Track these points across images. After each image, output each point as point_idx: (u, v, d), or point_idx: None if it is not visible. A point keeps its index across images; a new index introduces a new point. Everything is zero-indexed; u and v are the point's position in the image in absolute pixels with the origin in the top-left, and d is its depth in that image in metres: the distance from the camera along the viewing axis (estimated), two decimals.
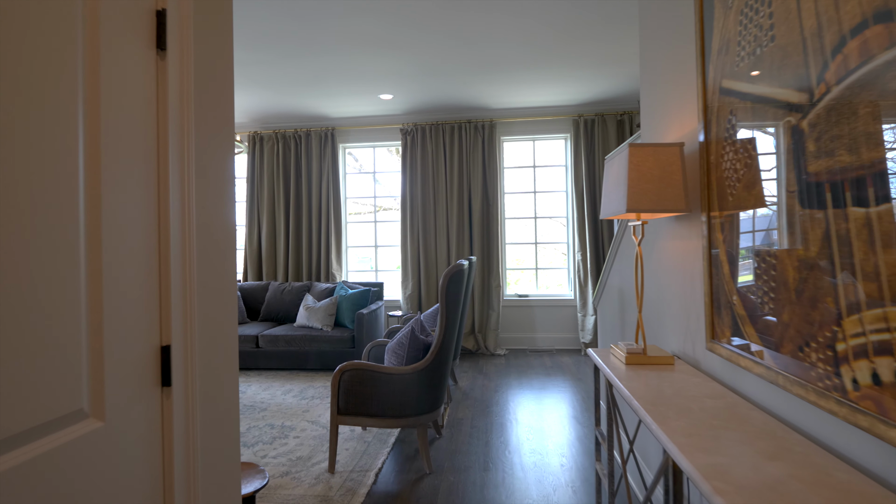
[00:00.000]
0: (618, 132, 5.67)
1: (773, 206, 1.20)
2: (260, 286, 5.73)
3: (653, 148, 1.70)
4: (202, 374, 1.14)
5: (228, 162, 1.29)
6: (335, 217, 6.02)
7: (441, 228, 5.78)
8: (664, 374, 1.66)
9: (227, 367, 1.25)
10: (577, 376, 4.68)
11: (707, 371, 1.66)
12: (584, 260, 5.62)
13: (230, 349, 1.26)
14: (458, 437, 3.24)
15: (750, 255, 1.32)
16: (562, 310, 5.86)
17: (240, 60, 4.12)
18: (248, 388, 4.41)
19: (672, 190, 1.67)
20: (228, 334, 1.25)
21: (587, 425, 3.40)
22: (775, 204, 1.19)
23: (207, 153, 1.19)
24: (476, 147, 5.78)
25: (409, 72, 4.50)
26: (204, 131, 1.18)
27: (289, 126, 6.19)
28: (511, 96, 5.34)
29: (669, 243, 2.02)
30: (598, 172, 5.62)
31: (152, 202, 1.02)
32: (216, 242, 1.21)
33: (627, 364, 1.79)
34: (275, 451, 3.07)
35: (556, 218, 6.05)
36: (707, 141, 1.60)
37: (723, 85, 1.47)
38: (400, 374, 2.72)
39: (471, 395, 4.18)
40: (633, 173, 1.69)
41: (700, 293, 1.71)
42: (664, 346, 2.09)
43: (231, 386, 1.27)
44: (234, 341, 1.28)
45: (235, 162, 6.50)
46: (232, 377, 1.28)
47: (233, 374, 1.28)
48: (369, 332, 5.01)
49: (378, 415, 2.72)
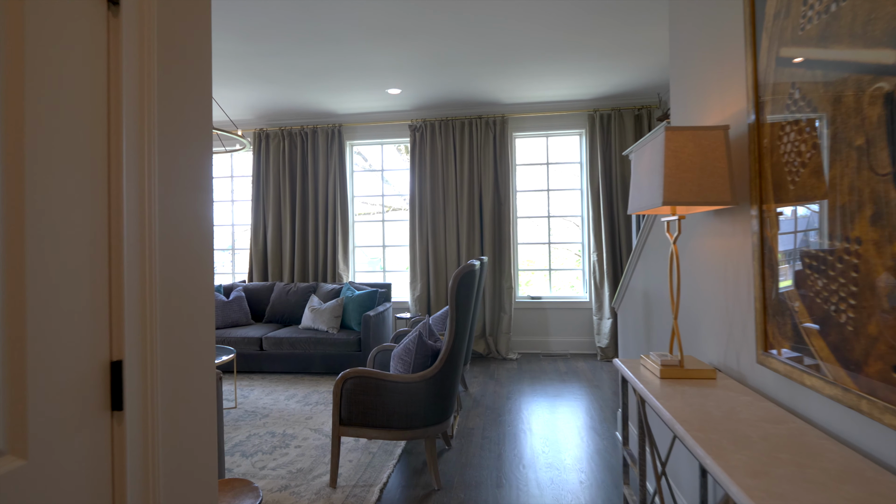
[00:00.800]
0: (635, 127, 5.43)
1: (853, 194, 0.99)
2: (265, 287, 5.58)
3: (693, 132, 1.49)
4: (167, 394, 0.96)
5: (203, 151, 1.11)
6: (342, 216, 5.85)
7: (451, 228, 5.59)
8: (706, 390, 1.44)
9: (200, 384, 1.07)
10: (594, 382, 4.45)
11: (757, 388, 1.44)
12: (599, 261, 5.39)
13: (204, 362, 1.08)
14: (469, 449, 3.04)
15: (817, 254, 1.11)
16: (576, 312, 5.64)
17: (240, 52, 3.96)
18: (250, 393, 4.25)
19: (715, 179, 1.46)
20: (202, 345, 1.07)
21: (606, 437, 3.19)
22: (856, 191, 0.98)
23: (177, 139, 1.01)
24: (487, 143, 5.58)
25: (418, 64, 4.32)
26: (171, 112, 0.99)
27: (295, 123, 6.03)
28: (523, 90, 5.13)
29: (707, 241, 1.80)
30: (614, 169, 5.39)
31: (100, 196, 0.84)
32: (187, 242, 1.03)
33: (662, 378, 1.58)
34: (274, 461, 2.90)
35: (570, 217, 5.83)
36: (759, 122, 1.39)
37: (781, 54, 1.26)
38: (406, 382, 2.53)
39: (482, 402, 3.98)
40: (670, 161, 1.49)
41: (748, 298, 1.50)
42: (700, 356, 1.87)
43: (206, 406, 1.08)
44: (210, 353, 1.10)
45: (238, 159, 6.36)
46: (207, 395, 1.09)
47: (208, 391, 1.10)
48: (376, 335, 4.83)
49: (383, 426, 2.53)
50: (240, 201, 6.41)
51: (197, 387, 1.06)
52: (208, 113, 1.12)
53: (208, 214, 1.11)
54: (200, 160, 1.08)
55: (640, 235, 2.60)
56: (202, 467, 1.07)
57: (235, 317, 5.17)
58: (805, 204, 1.16)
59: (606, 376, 4.66)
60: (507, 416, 3.62)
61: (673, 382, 1.53)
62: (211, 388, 1.11)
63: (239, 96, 5.12)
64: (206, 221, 1.10)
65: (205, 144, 1.10)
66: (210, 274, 1.11)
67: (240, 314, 5.21)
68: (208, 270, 1.10)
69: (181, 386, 1.00)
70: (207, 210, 1.10)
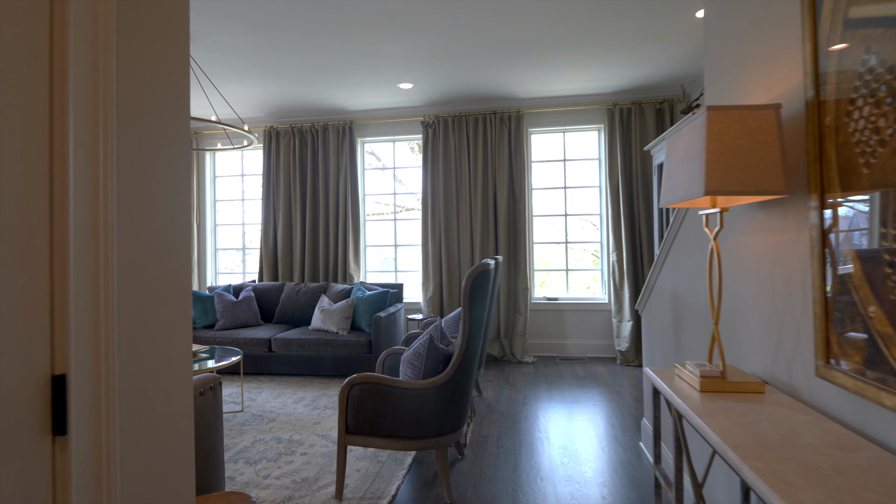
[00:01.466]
0: (657, 122, 5.21)
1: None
2: (274, 287, 5.48)
3: (739, 112, 1.31)
4: (129, 414, 0.81)
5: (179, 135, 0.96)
6: (353, 215, 5.73)
7: (464, 226, 5.42)
8: (755, 406, 1.26)
9: (173, 401, 0.92)
10: (614, 388, 4.25)
11: (815, 405, 1.25)
12: (619, 261, 5.18)
13: (179, 375, 0.93)
14: (483, 459, 2.88)
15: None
16: (595, 314, 5.43)
17: (249, 45, 3.85)
18: (258, 396, 4.14)
19: (766, 165, 1.28)
20: (176, 355, 0.92)
21: (629, 448, 2.99)
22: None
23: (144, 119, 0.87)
24: (502, 140, 5.40)
25: (430, 57, 4.16)
26: (137, 84, 0.85)
27: (305, 120, 5.93)
28: (539, 84, 4.95)
29: (750, 237, 1.61)
30: (634, 166, 5.18)
31: (38, 184, 0.70)
32: (157, 239, 0.89)
33: (703, 391, 1.39)
34: (279, 469, 2.77)
35: (588, 216, 5.63)
36: (818, 98, 1.21)
37: (850, 15, 1.07)
38: (416, 389, 2.38)
39: (496, 408, 3.80)
40: (713, 145, 1.31)
41: (804, 301, 1.31)
42: (741, 366, 1.68)
43: (181, 424, 0.94)
44: (186, 364, 0.95)
45: (249, 157, 6.27)
46: (182, 413, 0.95)
47: (184, 408, 0.95)
48: (387, 337, 4.69)
49: (391, 435, 2.38)
50: (250, 200, 6.32)
51: (169, 405, 0.91)
52: (184, 100, 0.98)
53: (184, 207, 0.96)
54: (173, 150, 0.94)
55: (669, 232, 2.41)
56: (175, 497, 0.92)
57: (244, 317, 5.07)
58: (884, 190, 0.97)
59: (627, 381, 4.46)
60: (523, 424, 3.44)
61: (715, 396, 1.35)
62: (187, 405, 0.96)
63: (249, 93, 5.03)
64: (182, 217, 0.95)
65: (178, 131, 0.96)
66: (186, 274, 0.97)
67: (249, 315, 5.11)
68: (183, 270, 0.95)
69: (148, 404, 0.86)
70: (182, 202, 0.96)
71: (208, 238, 6.28)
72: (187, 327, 0.96)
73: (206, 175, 6.27)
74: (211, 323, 5.08)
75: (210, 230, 6.31)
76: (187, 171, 0.97)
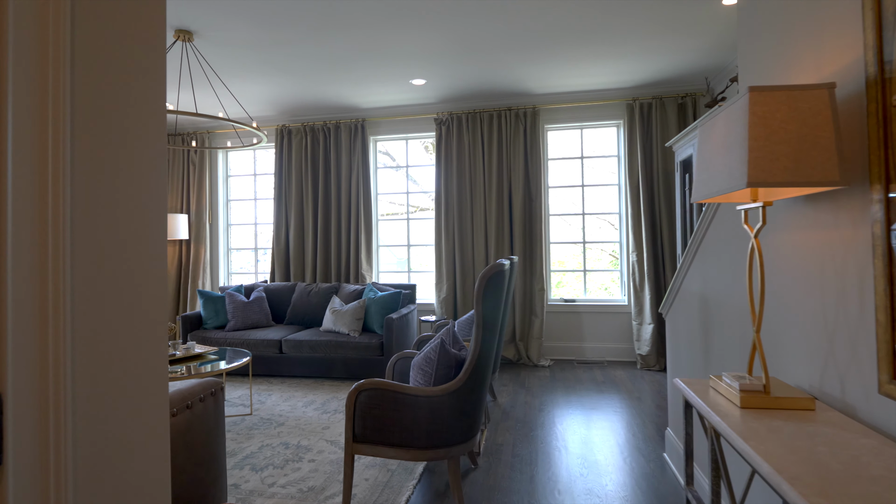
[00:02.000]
0: (679, 117, 5.01)
1: None
2: (286, 287, 5.41)
3: (787, 92, 1.16)
4: (84, 437, 0.70)
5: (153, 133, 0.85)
6: (365, 214, 5.63)
7: (479, 226, 5.29)
8: (806, 427, 1.11)
9: (142, 420, 0.81)
10: (634, 394, 4.08)
11: (880, 426, 1.10)
12: (639, 261, 5.00)
13: (149, 391, 0.82)
14: (498, 469, 2.74)
15: None
16: (614, 317, 5.25)
17: (256, 40, 3.77)
18: (267, 398, 4.06)
19: (818, 153, 1.13)
20: (146, 368, 0.82)
21: (653, 459, 2.83)
22: None
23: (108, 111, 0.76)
24: (517, 137, 5.26)
25: (443, 51, 4.04)
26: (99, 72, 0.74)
27: (317, 118, 5.86)
28: (556, 79, 4.79)
29: (794, 235, 1.46)
30: (655, 163, 4.99)
31: None
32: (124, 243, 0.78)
33: (743, 407, 1.25)
34: (285, 477, 2.67)
35: (607, 215, 5.45)
36: (883, 75, 1.05)
37: None
38: (427, 396, 2.25)
39: (511, 414, 3.66)
40: (756, 130, 1.16)
41: (862, 306, 1.15)
42: (783, 378, 1.52)
43: (153, 447, 0.83)
44: (161, 378, 0.85)
45: (261, 156, 6.22)
46: (154, 433, 0.84)
47: (156, 428, 0.84)
48: (399, 339, 4.58)
49: (401, 444, 2.26)
50: (263, 199, 6.28)
51: (138, 426, 0.80)
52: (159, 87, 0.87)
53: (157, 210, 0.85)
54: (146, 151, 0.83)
55: (697, 230, 2.25)
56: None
57: (255, 318, 5.01)
58: None
59: (648, 387, 4.28)
60: (539, 431, 3.30)
61: (758, 414, 1.20)
62: (160, 426, 0.85)
63: (260, 91, 4.96)
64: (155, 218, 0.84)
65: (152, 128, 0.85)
66: (161, 279, 0.86)
67: (260, 315, 5.05)
68: (157, 274, 0.85)
69: (112, 426, 0.75)
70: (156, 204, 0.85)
71: (221, 238, 6.25)
72: (160, 338, 0.85)
73: (218, 174, 6.24)
74: (222, 324, 5.03)
75: (223, 230, 6.28)
76: (161, 171, 0.86)
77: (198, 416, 1.97)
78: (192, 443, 1.91)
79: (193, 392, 1.98)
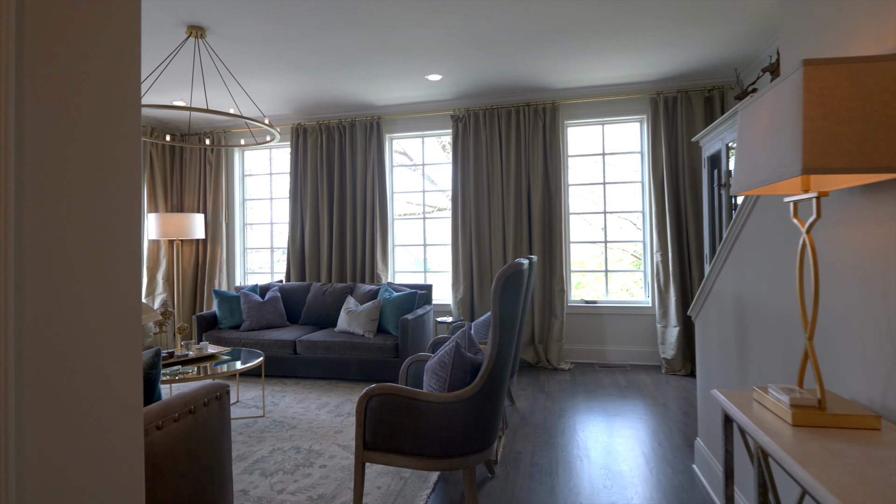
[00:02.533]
0: (705, 111, 4.80)
1: None
2: (301, 287, 5.36)
3: (848, 66, 1.01)
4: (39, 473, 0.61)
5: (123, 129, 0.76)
6: (381, 213, 5.55)
7: (496, 225, 5.15)
8: (874, 451, 0.96)
9: (110, 439, 0.71)
10: (659, 400, 3.90)
11: None
12: (664, 261, 4.80)
13: (120, 404, 0.73)
14: (516, 479, 2.61)
15: None
16: (637, 319, 5.06)
17: (268, 34, 3.70)
18: (281, 400, 4.00)
19: (887, 134, 0.98)
20: (114, 388, 0.72)
21: (681, 471, 2.66)
22: None
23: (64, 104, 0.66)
24: (536, 133, 5.11)
25: (459, 44, 3.92)
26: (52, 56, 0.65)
27: (332, 116, 5.79)
28: (576, 72, 4.63)
29: (848, 231, 1.30)
30: (681, 159, 4.79)
31: None
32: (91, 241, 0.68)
33: (795, 425, 1.10)
34: (295, 483, 2.58)
35: (629, 213, 5.26)
36: None
37: None
38: (441, 403, 2.14)
39: (530, 419, 3.52)
40: (812, 109, 1.01)
41: None
42: (838, 391, 1.37)
43: (120, 470, 0.73)
44: (134, 389, 0.75)
45: (277, 156, 6.18)
46: (126, 451, 0.74)
47: (128, 447, 0.74)
48: (415, 341, 4.48)
49: (413, 453, 2.15)
50: (278, 199, 6.25)
51: (107, 445, 0.70)
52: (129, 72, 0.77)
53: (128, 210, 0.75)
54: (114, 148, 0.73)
55: (732, 226, 2.08)
56: None
57: (270, 318, 4.97)
58: None
59: (674, 393, 4.09)
60: (559, 438, 3.15)
61: (814, 434, 1.06)
62: (134, 445, 0.75)
63: (274, 88, 4.92)
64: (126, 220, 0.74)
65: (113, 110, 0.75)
66: (136, 279, 0.76)
67: (275, 315, 5.00)
68: (132, 274, 0.75)
69: (73, 444, 0.65)
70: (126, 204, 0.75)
71: (237, 237, 6.24)
72: (136, 346, 0.75)
73: (234, 174, 6.23)
74: (237, 323, 5.00)
75: (239, 229, 6.26)
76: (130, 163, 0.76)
77: (201, 422, 1.89)
78: (194, 449, 1.82)
79: (197, 396, 1.90)
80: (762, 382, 1.84)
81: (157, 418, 1.67)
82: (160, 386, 1.86)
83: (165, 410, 1.71)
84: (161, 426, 1.68)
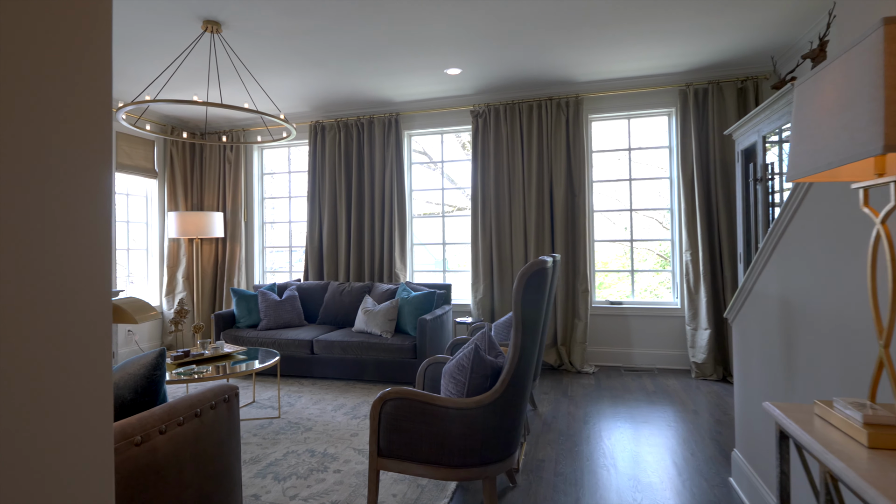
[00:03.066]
0: (738, 103, 4.57)
1: None
2: (319, 286, 5.30)
3: None
4: None
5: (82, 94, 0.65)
6: (399, 212, 5.45)
7: (517, 223, 5.00)
8: None
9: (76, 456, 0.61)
10: (690, 406, 3.70)
11: None
12: (694, 261, 4.58)
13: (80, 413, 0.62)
14: (538, 490, 2.47)
15: None
16: (664, 321, 4.85)
17: (284, 29, 3.64)
18: (297, 401, 3.93)
19: None
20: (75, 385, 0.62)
21: (717, 484, 2.49)
22: None
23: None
24: (558, 128, 4.94)
25: (478, 36, 3.79)
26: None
27: (351, 113, 5.72)
28: (601, 64, 4.45)
29: None
30: (712, 153, 4.56)
31: None
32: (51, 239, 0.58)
33: (871, 447, 0.94)
34: (308, 489, 2.49)
35: (656, 210, 5.05)
36: None
37: None
38: (459, 409, 2.02)
39: (553, 425, 3.37)
40: (895, 75, 0.86)
41: None
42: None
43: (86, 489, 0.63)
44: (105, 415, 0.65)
45: (295, 154, 6.14)
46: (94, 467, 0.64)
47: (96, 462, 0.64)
48: (433, 341, 4.36)
49: (430, 462, 2.04)
50: (297, 197, 6.21)
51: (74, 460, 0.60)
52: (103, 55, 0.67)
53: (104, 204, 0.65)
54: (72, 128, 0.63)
55: (778, 219, 1.91)
56: None
57: (287, 317, 4.92)
58: None
59: (705, 399, 3.88)
60: (584, 446, 3.00)
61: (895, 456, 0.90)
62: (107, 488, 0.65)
63: (291, 85, 4.87)
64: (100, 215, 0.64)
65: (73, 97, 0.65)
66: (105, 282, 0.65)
67: (292, 315, 4.95)
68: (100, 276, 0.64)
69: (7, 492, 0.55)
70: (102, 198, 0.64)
71: (256, 236, 6.22)
72: (106, 358, 0.65)
73: (253, 172, 6.22)
74: (255, 322, 4.96)
75: (258, 228, 6.25)
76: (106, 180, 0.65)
77: (208, 425, 1.80)
78: (200, 454, 1.74)
79: (204, 398, 1.82)
80: (815, 393, 1.66)
81: (160, 422, 1.59)
82: (165, 387, 1.78)
83: (169, 414, 1.63)
84: (164, 430, 1.59)
